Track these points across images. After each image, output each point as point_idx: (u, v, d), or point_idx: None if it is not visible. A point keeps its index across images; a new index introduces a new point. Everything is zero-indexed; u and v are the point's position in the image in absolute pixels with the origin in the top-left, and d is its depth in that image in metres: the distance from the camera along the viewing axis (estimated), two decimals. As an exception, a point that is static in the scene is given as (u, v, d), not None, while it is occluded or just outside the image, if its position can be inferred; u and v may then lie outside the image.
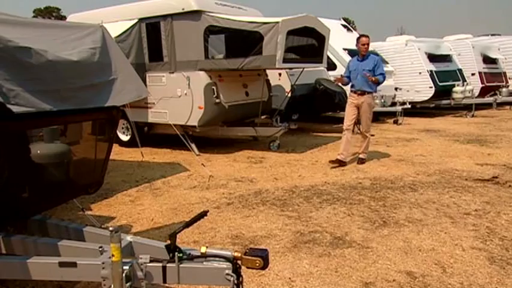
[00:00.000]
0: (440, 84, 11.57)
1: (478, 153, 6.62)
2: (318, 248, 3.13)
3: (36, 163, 2.35)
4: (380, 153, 6.67)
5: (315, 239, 3.30)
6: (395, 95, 11.28)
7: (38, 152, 2.37)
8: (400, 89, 11.54)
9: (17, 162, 2.14)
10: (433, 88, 11.45)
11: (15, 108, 2.59)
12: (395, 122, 10.42)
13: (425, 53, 11.77)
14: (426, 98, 11.68)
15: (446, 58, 12.31)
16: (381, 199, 4.30)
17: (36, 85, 3.02)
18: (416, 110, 12.03)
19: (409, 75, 11.78)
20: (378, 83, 5.77)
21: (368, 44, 5.78)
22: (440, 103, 12.19)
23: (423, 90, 11.61)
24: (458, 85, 11.79)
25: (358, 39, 5.89)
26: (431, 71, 11.57)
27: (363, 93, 5.71)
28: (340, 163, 5.77)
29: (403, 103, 10.96)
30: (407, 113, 10.92)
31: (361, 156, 6.01)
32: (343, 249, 3.10)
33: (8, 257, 1.97)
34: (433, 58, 11.84)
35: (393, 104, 10.98)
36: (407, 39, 12.39)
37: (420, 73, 11.61)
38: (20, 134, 2.20)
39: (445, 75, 11.82)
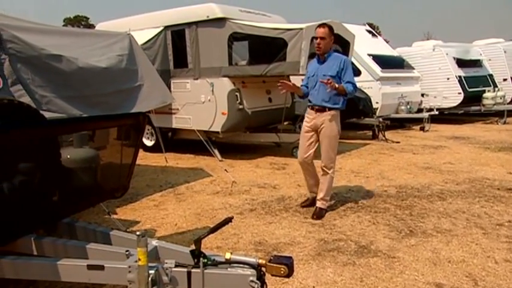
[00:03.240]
0: (470, 90, 11.23)
1: (511, 161, 6.36)
2: (342, 256, 3.08)
3: (66, 168, 2.42)
4: (406, 161, 6.52)
5: (339, 247, 3.24)
6: (421, 101, 11.04)
7: (68, 156, 2.43)
8: (427, 95, 11.29)
9: (48, 166, 2.21)
10: (462, 94, 11.13)
11: (47, 114, 2.68)
12: (422, 129, 10.17)
13: (454, 58, 11.47)
14: (454, 105, 11.36)
15: (476, 63, 11.95)
16: (407, 208, 4.19)
17: (67, 91, 3.12)
18: (444, 116, 11.71)
19: (436, 81, 11.50)
20: (345, 95, 3.82)
21: (328, 39, 3.79)
22: (470, 109, 11.81)
23: (451, 96, 11.30)
24: (488, 91, 11.42)
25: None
26: (460, 76, 11.25)
27: (322, 109, 3.86)
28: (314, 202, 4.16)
29: (430, 109, 10.70)
30: (434, 119, 10.65)
31: (318, 204, 4.02)
32: (368, 259, 3.03)
33: (39, 259, 2.03)
34: (462, 63, 11.52)
35: (419, 110, 10.73)
36: (435, 44, 12.12)
37: (448, 79, 11.31)
38: (52, 139, 2.27)
39: (475, 81, 11.46)
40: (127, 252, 1.96)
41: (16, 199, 2.03)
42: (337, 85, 3.70)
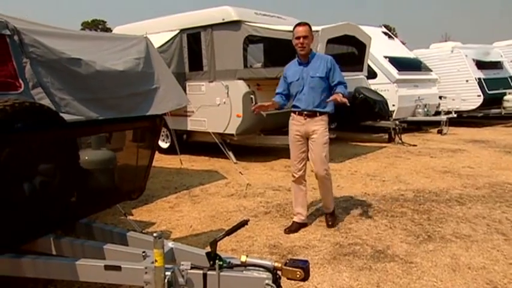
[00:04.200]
0: (490, 92, 10.98)
1: (533, 165, 6.19)
2: (358, 261, 3.03)
3: (84, 169, 2.46)
4: (423, 164, 6.40)
5: (355, 252, 3.19)
6: (439, 104, 10.85)
7: (86, 158, 2.47)
8: (445, 97, 11.08)
9: (67, 168, 2.25)
10: (482, 96, 10.89)
11: (66, 116, 2.73)
12: (440, 132, 9.99)
13: (473, 59, 11.24)
14: (474, 107, 11.12)
15: (496, 65, 11.68)
16: (425, 212, 4.11)
17: (85, 94, 3.18)
18: (463, 119, 11.47)
19: (454, 83, 11.29)
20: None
21: (310, 37, 3.54)
22: (490, 112, 11.55)
23: (470, 99, 11.07)
24: (509, 93, 11.14)
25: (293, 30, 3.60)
26: (479, 78, 11.01)
27: (312, 114, 3.55)
28: (300, 226, 3.72)
29: (448, 112, 10.50)
30: (452, 122, 10.44)
31: (326, 212, 3.85)
32: (385, 263, 2.98)
33: (58, 258, 2.06)
34: (481, 65, 11.27)
35: (437, 113, 10.55)
36: (453, 46, 11.90)
37: (467, 81, 11.09)
38: (71, 141, 2.31)
39: (495, 83, 11.20)
40: (143, 254, 1.98)
41: (36, 199, 2.07)
42: (343, 98, 3.37)
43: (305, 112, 3.57)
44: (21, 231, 2.01)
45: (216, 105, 6.71)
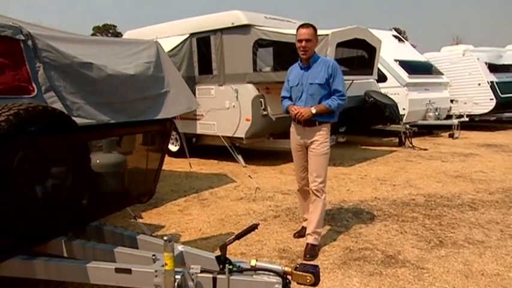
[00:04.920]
0: (503, 96, 10.82)
1: (547, 170, 6.08)
2: (368, 266, 3.00)
3: (96, 172, 2.48)
4: (434, 169, 6.33)
5: (366, 257, 3.16)
6: (450, 108, 10.73)
7: (97, 161, 2.49)
8: (457, 101, 10.96)
9: (79, 171, 2.27)
10: (494, 100, 10.74)
11: (78, 120, 2.77)
12: (451, 136, 9.87)
13: (486, 63, 11.10)
14: (486, 111, 10.97)
15: (509, 68, 11.51)
16: (436, 217, 4.05)
17: (96, 98, 3.22)
18: (475, 123, 11.32)
19: (466, 87, 11.16)
20: (332, 112, 3.25)
21: (314, 40, 3.27)
22: (503, 116, 11.39)
23: (483, 103, 10.93)
24: (523, 97, 10.97)
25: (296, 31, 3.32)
26: (492, 82, 10.87)
27: (312, 123, 3.26)
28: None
29: (460, 116, 10.37)
30: (464, 126, 10.31)
31: (310, 240, 3.28)
32: (395, 269, 2.94)
33: (69, 261, 2.08)
34: (494, 68, 11.13)
35: (448, 116, 10.43)
36: (465, 49, 11.77)
37: (479, 84, 10.95)
38: (82, 145, 2.33)
39: (509, 87, 11.04)
40: (153, 257, 1.98)
41: (48, 202, 2.10)
42: (314, 110, 3.15)
43: (304, 121, 3.26)
44: (33, 233, 2.03)
45: (226, 108, 6.72)
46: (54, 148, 2.14)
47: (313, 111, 3.18)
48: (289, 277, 1.78)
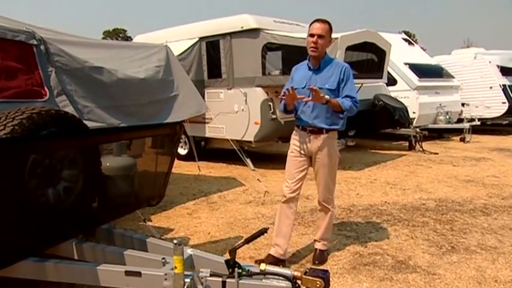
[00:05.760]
0: None
1: (562, 175, 5.96)
2: (378, 271, 2.97)
3: (106, 175, 2.50)
4: (445, 173, 6.25)
5: (375, 262, 3.13)
6: (461, 111, 10.61)
7: (108, 165, 2.51)
8: (468, 104, 10.83)
9: (90, 174, 2.29)
10: (507, 103, 10.59)
11: (89, 124, 2.80)
12: (462, 140, 9.75)
13: (498, 66, 10.97)
14: (498, 115, 10.83)
15: None
16: (447, 222, 4.00)
17: (107, 101, 3.25)
18: (487, 127, 11.17)
19: (478, 90, 11.03)
20: (342, 112, 2.94)
21: (327, 38, 2.95)
22: None
23: (495, 106, 10.79)
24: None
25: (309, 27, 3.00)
26: (504, 85, 10.73)
27: (318, 131, 2.99)
28: (276, 261, 2.99)
29: (472, 119, 10.25)
30: (476, 130, 10.19)
31: (318, 246, 3.22)
32: (406, 274, 2.90)
33: (80, 263, 2.10)
34: (506, 71, 10.99)
35: (459, 120, 10.31)
36: (476, 52, 11.65)
37: (491, 88, 10.81)
38: (93, 148, 2.35)
39: None
40: (163, 260, 1.99)
41: (60, 205, 2.12)
42: (328, 97, 2.80)
43: (309, 128, 2.99)
44: (44, 235, 2.06)
45: (235, 112, 6.74)
46: (66, 151, 2.16)
47: (327, 98, 2.80)
48: (298, 282, 1.78)
